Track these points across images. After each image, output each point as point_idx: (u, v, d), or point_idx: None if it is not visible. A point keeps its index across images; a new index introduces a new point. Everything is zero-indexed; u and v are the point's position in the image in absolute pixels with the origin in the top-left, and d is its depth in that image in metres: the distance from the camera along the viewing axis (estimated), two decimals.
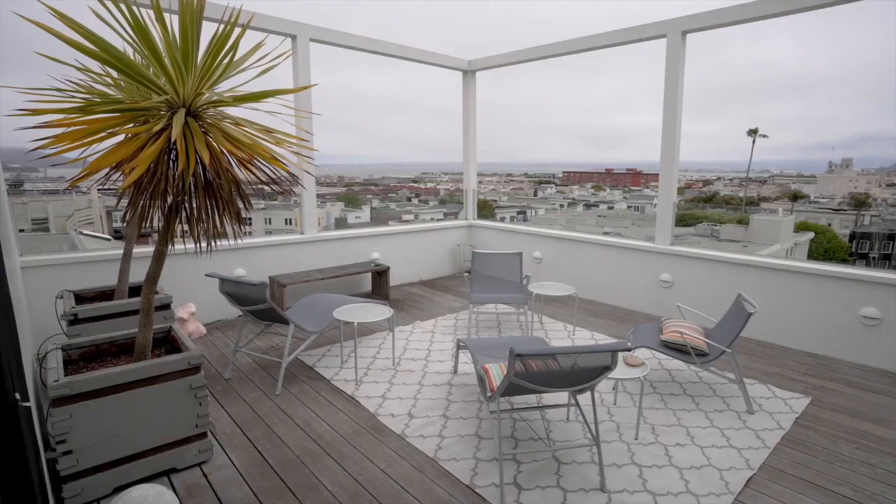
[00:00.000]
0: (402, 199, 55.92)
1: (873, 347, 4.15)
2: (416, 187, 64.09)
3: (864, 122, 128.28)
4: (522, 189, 71.08)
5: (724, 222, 33.68)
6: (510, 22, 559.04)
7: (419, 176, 75.94)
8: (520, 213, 43.65)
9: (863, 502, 2.47)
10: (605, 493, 2.55)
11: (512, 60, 7.03)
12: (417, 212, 38.81)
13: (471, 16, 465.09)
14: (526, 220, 36.62)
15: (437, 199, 54.83)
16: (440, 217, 23.66)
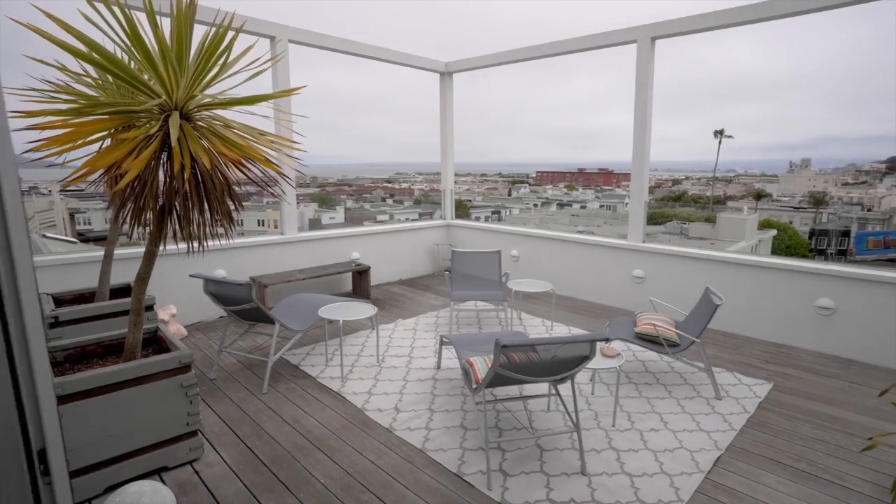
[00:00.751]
0: (377, 199, 55.68)
1: (828, 335, 4.44)
2: (391, 187, 63.89)
3: (821, 123, 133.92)
4: (497, 189, 71.62)
5: (693, 220, 34.70)
6: (485, 25, 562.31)
7: (393, 176, 75.65)
8: (494, 213, 43.99)
9: (817, 475, 2.68)
10: (586, 477, 2.70)
11: (488, 63, 7.17)
12: (392, 212, 38.70)
13: (447, 18, 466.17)
14: (501, 220, 36.94)
15: (412, 199, 54.81)
16: (415, 217, 23.66)
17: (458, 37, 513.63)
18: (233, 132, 2.33)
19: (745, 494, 2.54)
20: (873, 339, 4.21)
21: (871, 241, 36.08)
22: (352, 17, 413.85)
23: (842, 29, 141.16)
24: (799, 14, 4.48)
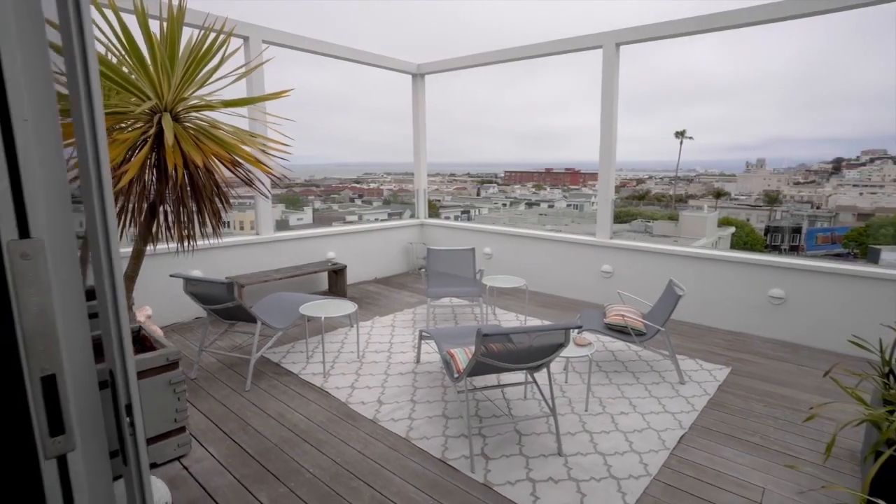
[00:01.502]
0: (345, 199, 55.10)
1: (779, 323, 4.79)
2: (359, 188, 63.28)
3: (775, 125, 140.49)
4: (466, 189, 71.97)
5: (657, 219, 35.85)
6: (456, 27, 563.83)
7: (362, 176, 74.99)
8: (464, 213, 44.25)
9: (769, 446, 2.95)
10: (562, 457, 2.88)
11: (460, 65, 7.34)
12: (361, 213, 38.43)
13: (419, 19, 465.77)
14: (470, 220, 37.19)
15: (381, 199, 54.52)
16: (384, 218, 23.51)
17: (429, 38, 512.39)
18: (222, 132, 2.40)
19: (706, 466, 2.77)
20: (819, 325, 4.56)
21: (819, 237, 38.07)
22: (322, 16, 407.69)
23: (794, 36, 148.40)
24: (752, 25, 4.81)
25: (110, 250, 0.70)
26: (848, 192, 51.90)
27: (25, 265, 0.58)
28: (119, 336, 0.74)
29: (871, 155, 57.09)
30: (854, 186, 53.23)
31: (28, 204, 0.57)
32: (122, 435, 0.72)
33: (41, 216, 0.59)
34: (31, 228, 0.58)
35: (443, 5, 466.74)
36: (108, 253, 0.70)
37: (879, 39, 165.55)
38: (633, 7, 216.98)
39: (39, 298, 0.59)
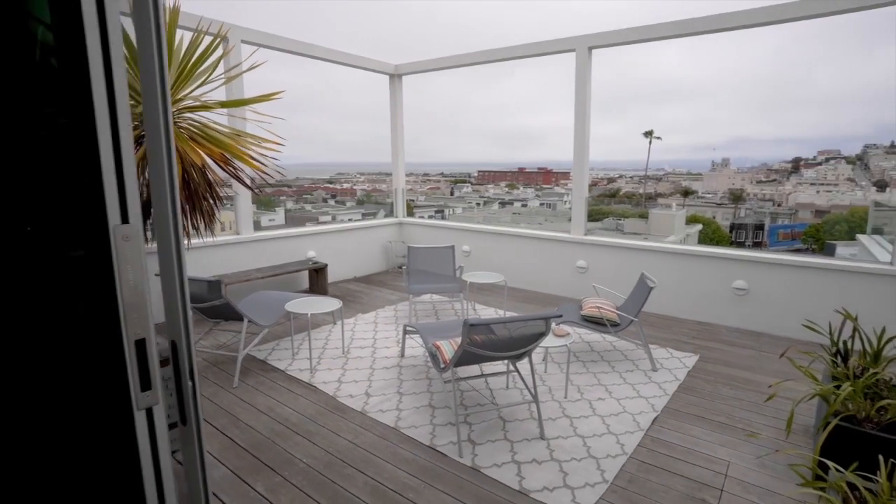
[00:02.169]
0: (318, 200, 54.50)
1: (742, 313, 5.08)
2: (332, 188, 62.65)
3: (739, 125, 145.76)
4: (439, 188, 72.10)
5: (628, 217, 36.74)
6: (431, 27, 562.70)
7: (334, 176, 74.22)
8: (438, 212, 44.37)
9: (734, 425, 3.18)
10: (545, 441, 3.04)
11: (437, 66, 7.46)
12: (334, 213, 38.15)
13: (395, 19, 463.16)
14: (444, 219, 37.32)
15: (355, 199, 54.16)
16: (358, 218, 23.45)
17: (404, 39, 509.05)
18: (215, 132, 2.47)
19: (678, 444, 2.98)
20: (778, 314, 4.87)
21: (781, 234, 39.66)
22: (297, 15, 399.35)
23: (757, 40, 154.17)
24: (716, 32, 5.09)
25: (178, 238, 0.80)
26: (806, 191, 54.22)
27: (126, 246, 0.67)
28: (183, 311, 0.83)
29: (827, 155, 59.77)
30: (811, 185, 55.64)
31: (128, 195, 0.67)
32: (183, 397, 0.82)
33: (136, 206, 0.69)
34: (129, 216, 0.68)
35: (417, 5, 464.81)
36: (177, 240, 0.80)
37: (833, 47, 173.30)
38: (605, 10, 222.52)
39: (135, 274, 0.69)
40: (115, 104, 0.64)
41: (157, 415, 0.76)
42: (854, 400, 2.36)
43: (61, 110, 0.63)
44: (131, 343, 0.70)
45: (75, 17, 0.61)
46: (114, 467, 0.71)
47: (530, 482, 2.63)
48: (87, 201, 0.64)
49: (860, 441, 2.16)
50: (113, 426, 0.71)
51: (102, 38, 0.61)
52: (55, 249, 0.66)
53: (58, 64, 0.62)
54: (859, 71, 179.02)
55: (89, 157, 0.63)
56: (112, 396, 0.71)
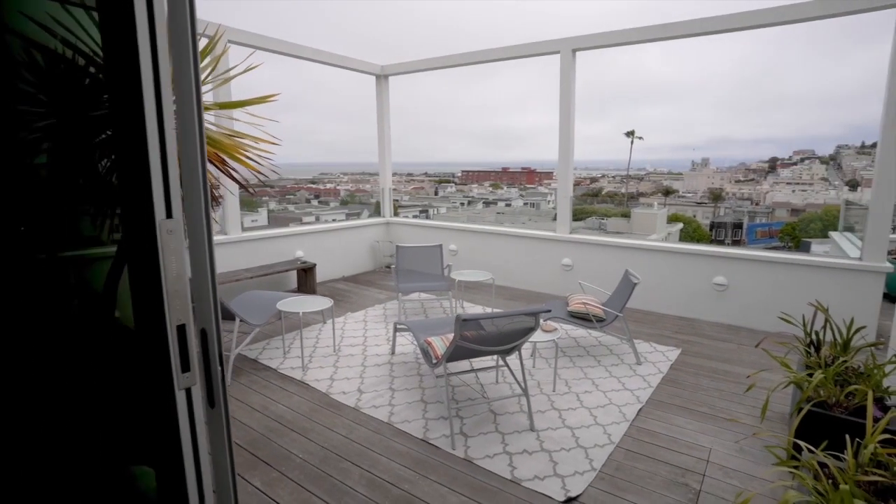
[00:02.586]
0: (301, 200, 54.10)
1: (722, 308, 5.26)
2: (315, 188, 62.22)
3: (718, 126, 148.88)
4: (423, 188, 72.12)
5: (610, 216, 37.21)
6: (417, 28, 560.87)
7: (318, 176, 73.67)
8: (422, 212, 44.39)
9: (716, 414, 3.31)
10: (535, 432, 3.13)
11: (424, 67, 7.53)
12: (318, 213, 37.91)
13: (382, 20, 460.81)
14: (429, 219, 37.37)
15: (338, 200, 53.89)
16: (342, 219, 23.38)
17: (389, 39, 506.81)
18: (214, 134, 2.50)
19: (662, 433, 3.10)
20: (756, 309, 5.05)
21: (758, 232, 40.57)
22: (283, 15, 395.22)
23: (735, 43, 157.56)
24: (693, 36, 5.25)
25: (210, 234, 0.86)
26: (782, 190, 55.51)
27: (169, 238, 0.73)
28: (213, 300, 0.89)
29: (802, 155, 61.28)
30: (787, 184, 56.98)
31: (172, 192, 0.73)
32: (212, 381, 0.88)
33: (178, 203, 0.75)
34: (173, 211, 0.74)
35: (403, 5, 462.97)
36: (209, 233, 0.86)
37: (808, 51, 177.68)
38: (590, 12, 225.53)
39: (177, 264, 0.75)
40: (162, 116, 0.70)
41: (195, 394, 0.82)
42: (825, 386, 2.50)
43: (118, 122, 0.69)
44: (174, 328, 0.76)
45: (131, 44, 0.67)
46: (157, 441, 0.77)
47: (522, 472, 2.72)
48: (138, 199, 0.70)
49: (830, 424, 2.29)
50: (157, 404, 0.77)
51: (154, 60, 0.67)
52: (130, 239, 0.72)
53: (114, 81, 0.68)
54: (832, 74, 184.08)
55: (140, 161, 0.69)
56: (157, 377, 0.77)
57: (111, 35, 0.68)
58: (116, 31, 0.68)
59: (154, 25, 0.70)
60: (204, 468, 0.86)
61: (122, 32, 0.67)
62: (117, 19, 0.67)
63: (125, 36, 0.67)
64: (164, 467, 0.83)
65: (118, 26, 0.68)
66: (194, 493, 0.88)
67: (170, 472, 0.83)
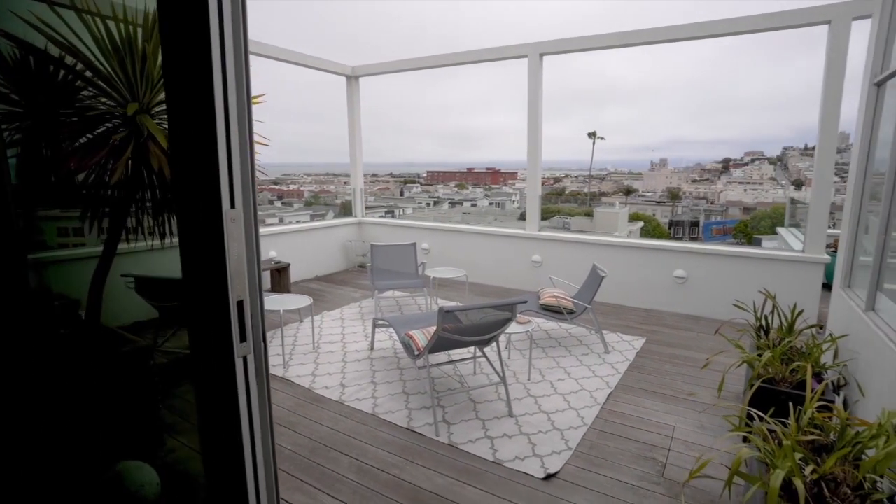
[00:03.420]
0: (264, 202, 53.08)
1: (682, 299, 5.59)
2: (278, 189, 61.19)
3: (675, 127, 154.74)
4: (389, 189, 71.92)
5: (574, 215, 38.11)
6: (386, 29, 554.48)
7: (280, 177, 72.39)
8: (388, 213, 44.29)
9: (678, 395, 3.58)
10: (513, 418, 3.31)
11: (395, 68, 7.63)
12: (282, 215, 37.33)
13: (351, 21, 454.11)
14: (395, 219, 37.27)
15: (302, 201, 53.17)
16: (307, 220, 23.13)
17: (359, 39, 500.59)
18: None
19: (631, 415, 3.33)
20: (713, 299, 5.40)
21: (714, 230, 42.38)
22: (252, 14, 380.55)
23: (691, 50, 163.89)
24: (655, 43, 5.57)
25: (256, 222, 0.97)
26: (735, 189, 58.14)
27: (233, 226, 0.84)
28: (259, 280, 1.00)
29: (752, 156, 64.37)
30: (740, 184, 59.73)
31: (234, 185, 0.84)
32: (256, 352, 0.99)
33: (239, 195, 0.86)
34: (235, 202, 0.85)
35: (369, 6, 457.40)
36: (254, 224, 0.96)
37: (758, 57, 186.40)
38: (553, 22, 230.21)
39: (238, 249, 0.86)
40: (229, 120, 0.81)
41: (250, 362, 0.93)
42: (773, 365, 2.77)
43: (195, 130, 0.80)
44: (234, 304, 0.87)
45: (205, 60, 0.78)
46: (220, 403, 0.87)
47: (503, 454, 2.89)
48: (208, 191, 0.80)
49: (777, 397, 2.56)
50: (221, 369, 0.87)
51: (223, 77, 0.78)
52: (195, 228, 0.83)
53: (189, 91, 0.79)
54: (780, 80, 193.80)
55: (210, 159, 0.80)
56: (220, 346, 0.87)
57: (185, 52, 0.79)
58: (192, 51, 0.79)
59: (224, 40, 0.81)
60: (255, 426, 0.97)
61: (197, 50, 0.78)
62: (194, 38, 0.78)
63: (200, 51, 0.78)
64: (225, 426, 0.93)
65: (194, 47, 0.79)
66: (248, 448, 0.99)
67: (229, 430, 0.94)
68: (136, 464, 2.43)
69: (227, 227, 0.85)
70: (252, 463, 0.99)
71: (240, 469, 0.98)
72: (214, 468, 1.06)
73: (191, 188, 0.85)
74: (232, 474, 1.02)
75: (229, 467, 1.02)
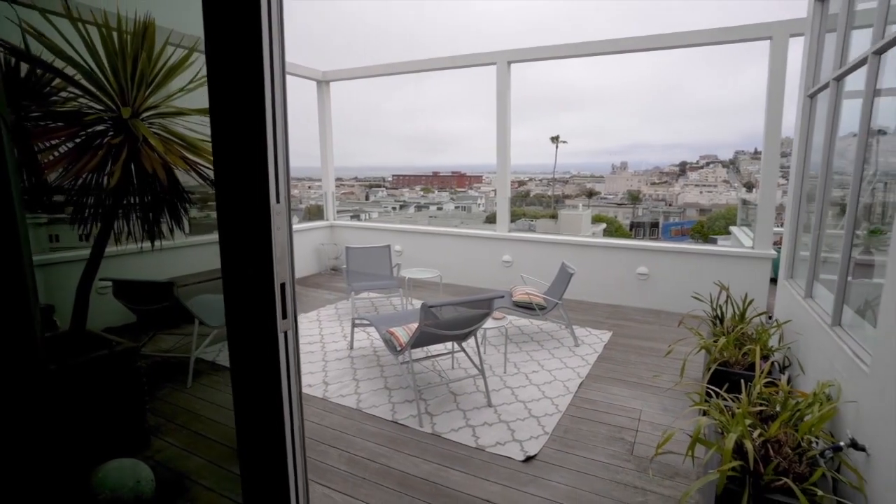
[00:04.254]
0: None
1: (645, 294, 5.93)
2: None
3: (634, 131, 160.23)
4: (354, 193, 71.43)
5: (539, 218, 38.89)
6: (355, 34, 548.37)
7: None
8: (353, 217, 44.05)
9: (643, 382, 3.85)
10: (492, 408, 3.49)
11: (366, 74, 7.75)
12: None
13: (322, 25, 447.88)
14: None
15: None
16: None
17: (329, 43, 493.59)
18: (189, 136, 2.64)
19: (601, 401, 3.57)
20: (673, 294, 5.75)
21: (673, 231, 44.02)
22: None
23: (649, 57, 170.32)
24: (614, 53, 5.90)
25: (290, 217, 1.10)
26: (692, 191, 60.56)
27: (277, 217, 0.97)
28: (291, 265, 1.12)
29: (707, 159, 67.22)
30: (696, 186, 62.24)
31: (279, 183, 0.97)
32: None
33: (284, 191, 0.99)
34: (280, 197, 0.98)
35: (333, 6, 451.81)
36: (289, 217, 1.09)
37: (711, 65, 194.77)
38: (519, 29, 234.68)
39: (281, 238, 0.99)
40: (276, 126, 0.94)
41: (290, 337, 1.06)
42: (727, 349, 3.06)
43: (247, 137, 0.93)
44: (278, 286, 1.00)
45: (258, 79, 0.92)
46: (265, 373, 1.00)
47: (485, 440, 3.06)
48: (258, 188, 0.93)
49: (732, 377, 2.83)
50: (267, 343, 1.00)
51: (273, 94, 0.91)
52: (245, 220, 0.96)
53: (244, 107, 0.92)
54: (733, 86, 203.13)
55: (261, 160, 0.92)
56: (267, 323, 1.00)
57: (238, 71, 0.92)
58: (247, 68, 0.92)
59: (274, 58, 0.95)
60: (293, 392, 1.11)
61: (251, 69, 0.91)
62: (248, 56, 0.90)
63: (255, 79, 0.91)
64: (268, 389, 1.07)
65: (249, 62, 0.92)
66: (287, 405, 1.13)
67: (271, 393, 1.07)
68: (130, 461, 2.48)
69: (274, 219, 0.98)
70: (290, 425, 1.12)
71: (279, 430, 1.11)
72: (258, 431, 1.30)
73: (242, 186, 0.98)
74: (273, 435, 1.16)
75: (271, 429, 1.16)
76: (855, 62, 2.78)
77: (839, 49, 3.15)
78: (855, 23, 3.08)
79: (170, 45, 2.65)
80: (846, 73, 3.02)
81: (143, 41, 2.45)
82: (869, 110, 2.50)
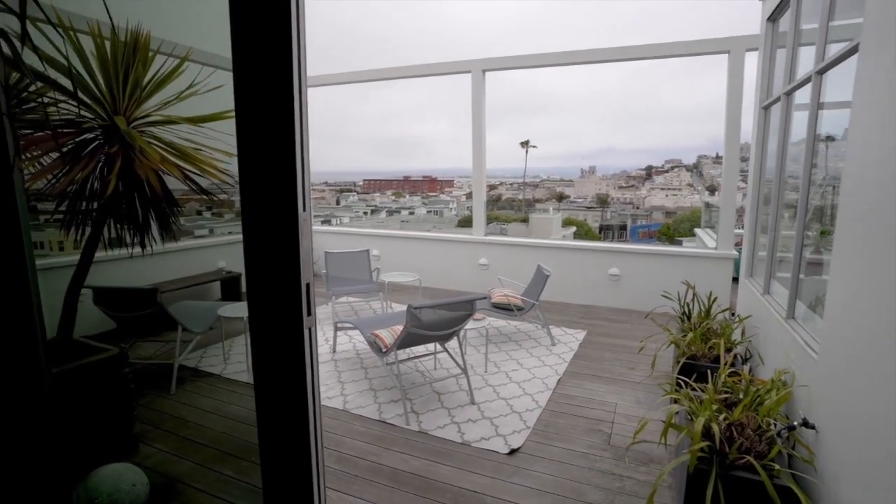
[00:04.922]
0: (192, 213, 50.57)
1: (617, 294, 6.18)
2: (206, 199, 58.37)
3: (602, 136, 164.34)
4: (324, 198, 70.68)
5: (510, 222, 39.39)
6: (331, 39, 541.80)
7: (209, 186, 68.75)
8: (324, 223, 43.62)
9: (617, 378, 4.05)
10: (475, 405, 3.62)
11: (343, 80, 7.82)
12: (212, 226, 35.88)
13: None
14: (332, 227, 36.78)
15: (234, 211, 51.12)
16: (239, 231, 22.39)
17: None
18: (181, 144, 2.69)
19: (578, 396, 3.75)
20: (643, 293, 6.02)
21: (641, 233, 45.24)
22: None
23: (615, 64, 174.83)
24: (584, 63, 6.16)
25: (311, 223, 1.20)
26: (658, 194, 62.37)
27: (303, 224, 1.08)
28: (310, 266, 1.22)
29: (672, 164, 69.37)
30: (662, 189, 64.12)
31: (306, 193, 1.07)
32: None
33: (309, 201, 1.09)
34: (305, 206, 1.08)
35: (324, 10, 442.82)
36: (310, 223, 1.19)
37: (674, 72, 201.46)
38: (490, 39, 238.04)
39: (307, 242, 1.09)
40: (303, 142, 1.04)
41: (313, 332, 1.16)
42: (695, 343, 3.28)
43: (276, 151, 1.04)
44: (304, 285, 1.10)
45: (288, 98, 1.03)
46: (291, 364, 1.10)
47: (470, 436, 3.19)
48: (287, 198, 1.03)
49: (699, 369, 3.05)
50: (294, 337, 1.10)
51: (301, 111, 1.02)
52: (274, 227, 1.06)
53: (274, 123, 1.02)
54: (696, 94, 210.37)
55: (290, 175, 1.03)
56: (294, 319, 1.10)
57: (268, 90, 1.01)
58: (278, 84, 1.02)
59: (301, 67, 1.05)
60: (315, 383, 1.21)
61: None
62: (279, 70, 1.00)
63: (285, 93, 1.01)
64: (294, 378, 1.17)
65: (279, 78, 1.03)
66: (310, 391, 1.24)
67: (296, 381, 1.17)
68: (125, 465, 2.51)
69: (301, 226, 1.09)
70: (313, 412, 1.22)
71: (303, 416, 1.21)
72: (286, 418, 1.37)
73: (272, 197, 1.08)
74: (298, 421, 1.25)
75: (297, 416, 1.26)
76: (801, 80, 3.05)
77: (788, 65, 3.43)
78: (802, 40, 3.37)
79: (161, 55, 2.70)
80: (794, 89, 3.29)
81: (135, 50, 2.49)
82: (814, 123, 2.75)
